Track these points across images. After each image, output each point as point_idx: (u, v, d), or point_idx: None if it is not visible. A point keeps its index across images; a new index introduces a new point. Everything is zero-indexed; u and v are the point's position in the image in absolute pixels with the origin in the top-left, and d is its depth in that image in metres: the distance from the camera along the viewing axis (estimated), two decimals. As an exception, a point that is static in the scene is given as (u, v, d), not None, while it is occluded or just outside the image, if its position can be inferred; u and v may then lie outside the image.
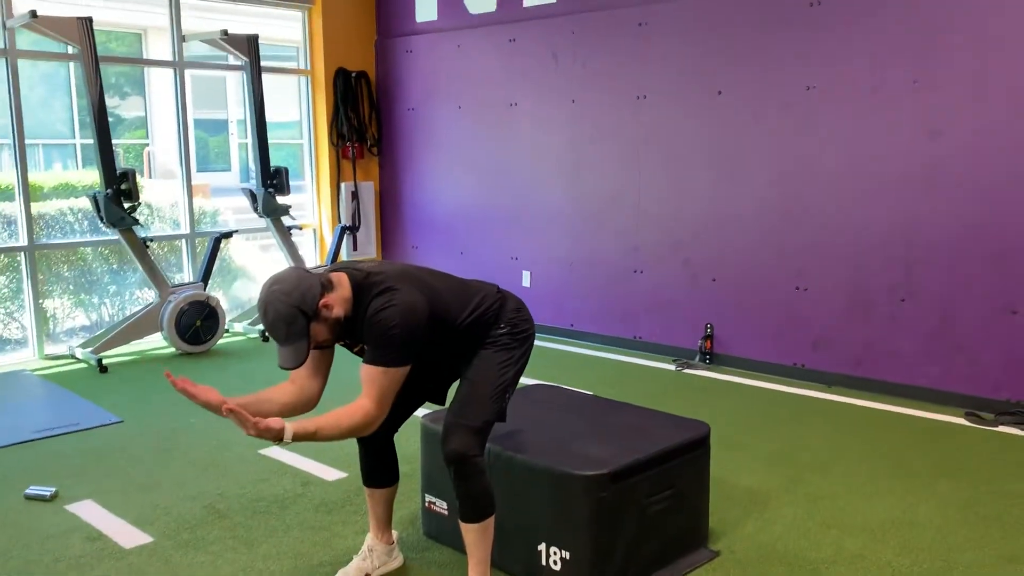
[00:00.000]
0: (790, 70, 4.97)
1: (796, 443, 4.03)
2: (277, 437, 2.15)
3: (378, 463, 2.72)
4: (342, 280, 2.33)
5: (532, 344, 2.59)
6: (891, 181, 4.67)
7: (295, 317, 2.21)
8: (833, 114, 4.84)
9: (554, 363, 5.60)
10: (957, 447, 3.97)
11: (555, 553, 2.61)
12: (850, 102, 4.77)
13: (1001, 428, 4.21)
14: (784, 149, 5.05)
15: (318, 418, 2.25)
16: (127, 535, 3.10)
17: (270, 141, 6.49)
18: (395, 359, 2.29)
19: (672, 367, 5.47)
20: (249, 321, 6.51)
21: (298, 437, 2.18)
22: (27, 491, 3.46)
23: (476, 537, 2.44)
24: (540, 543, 2.65)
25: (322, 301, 2.24)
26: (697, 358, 5.52)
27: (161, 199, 6.63)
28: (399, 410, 2.68)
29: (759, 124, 5.13)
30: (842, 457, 3.84)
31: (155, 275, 5.84)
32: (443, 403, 2.72)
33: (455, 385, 2.59)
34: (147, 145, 12.39)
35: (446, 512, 2.93)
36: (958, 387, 4.55)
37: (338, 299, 2.29)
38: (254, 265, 7.48)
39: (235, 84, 13.41)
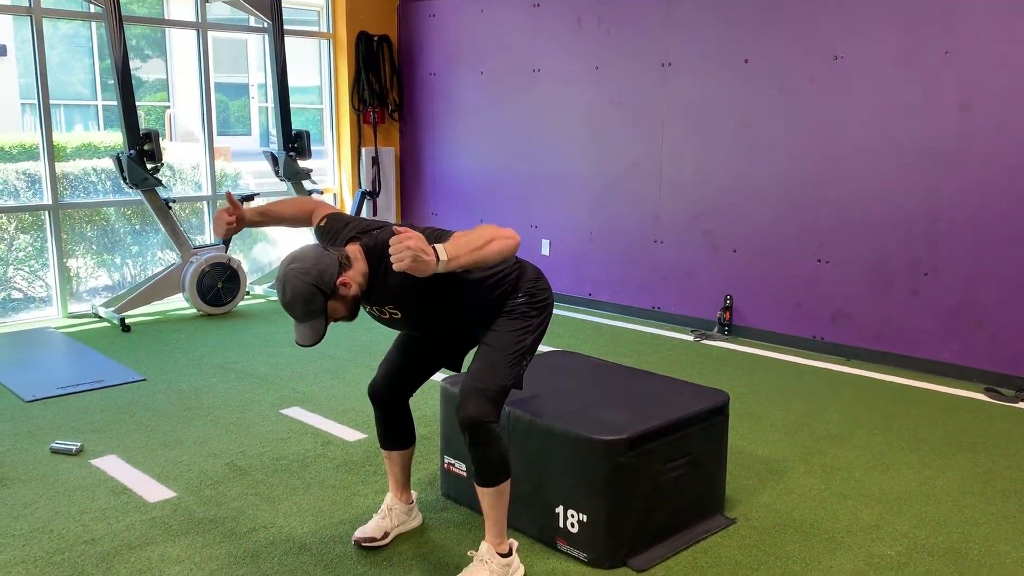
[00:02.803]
0: (818, 39, 4.90)
1: (814, 415, 4.03)
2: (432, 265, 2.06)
3: (394, 426, 2.75)
4: (358, 255, 2.32)
5: (550, 313, 2.59)
6: (918, 154, 4.62)
7: (313, 295, 2.21)
8: (861, 85, 4.77)
9: (572, 332, 5.61)
10: (976, 422, 3.95)
11: (572, 516, 2.64)
12: (879, 73, 4.70)
13: (1021, 404, 4.19)
14: (810, 120, 5.00)
15: (464, 234, 2.19)
16: (151, 489, 3.16)
17: (291, 105, 6.48)
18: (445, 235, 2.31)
19: (690, 338, 5.47)
20: (270, 284, 6.55)
21: (455, 262, 2.11)
22: (53, 445, 3.52)
23: (492, 501, 2.46)
24: (558, 506, 2.67)
25: (340, 279, 2.24)
26: (716, 329, 5.52)
27: (182, 161, 6.66)
28: (414, 375, 2.70)
29: (785, 94, 5.07)
30: (860, 430, 3.84)
31: (177, 236, 5.88)
32: (459, 370, 2.73)
33: (471, 353, 2.60)
34: (168, 107, 12.42)
35: (464, 473, 2.96)
36: (978, 363, 4.53)
37: (355, 275, 2.29)
38: (275, 229, 7.51)
39: (256, 48, 13.39)
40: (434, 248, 2.08)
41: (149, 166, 5.62)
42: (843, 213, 4.93)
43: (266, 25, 6.33)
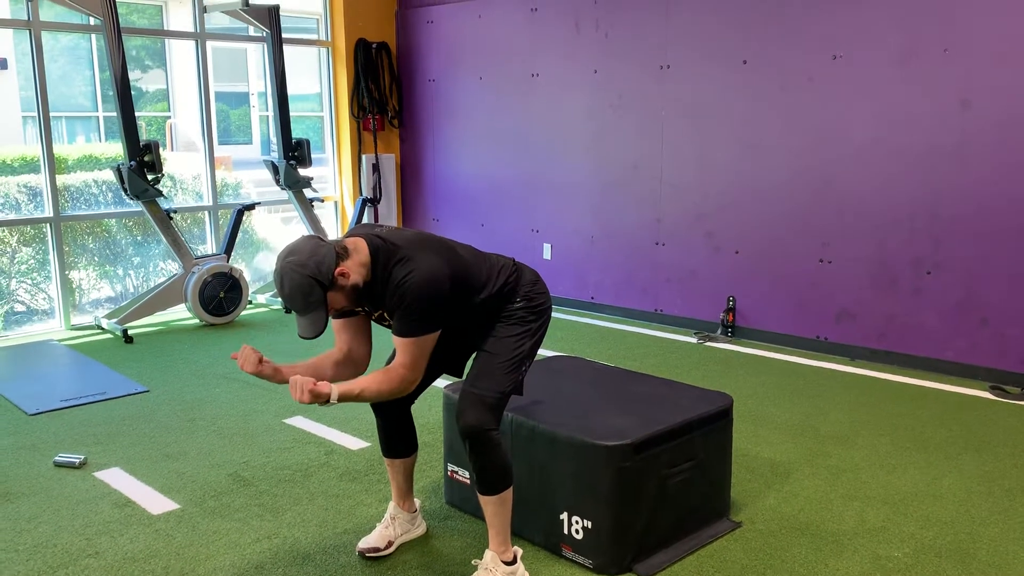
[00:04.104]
0: (817, 39, 4.89)
1: (818, 416, 4.01)
2: (325, 399, 2.21)
3: (396, 434, 2.74)
4: (359, 245, 2.30)
5: (549, 317, 2.58)
6: (919, 152, 4.61)
7: (312, 287, 2.20)
8: (860, 84, 4.76)
9: (575, 336, 5.60)
10: (981, 421, 3.94)
11: (577, 522, 2.63)
12: (878, 71, 4.69)
13: (1027, 402, 4.18)
14: (810, 119, 4.99)
15: (359, 380, 2.31)
16: (154, 502, 3.15)
17: (291, 113, 6.49)
18: (423, 328, 2.29)
19: (694, 340, 5.46)
20: (272, 292, 6.55)
21: (343, 398, 2.23)
22: (56, 458, 3.51)
23: (495, 509, 2.45)
24: (562, 512, 2.66)
25: (338, 269, 2.22)
26: (719, 331, 5.50)
27: (183, 171, 6.67)
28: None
29: (784, 94, 5.07)
30: (864, 430, 3.82)
31: (179, 247, 5.88)
32: (460, 375, 2.72)
33: (472, 358, 2.59)
34: (169, 117, 12.44)
35: (468, 481, 2.95)
36: (983, 360, 4.51)
37: (354, 265, 2.27)
38: (276, 237, 7.52)
39: (256, 57, 13.41)
40: (329, 393, 2.20)
41: (150, 177, 5.62)
42: (845, 212, 4.91)
43: (265, 34, 6.34)
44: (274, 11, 6.28)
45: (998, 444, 3.64)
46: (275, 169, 6.49)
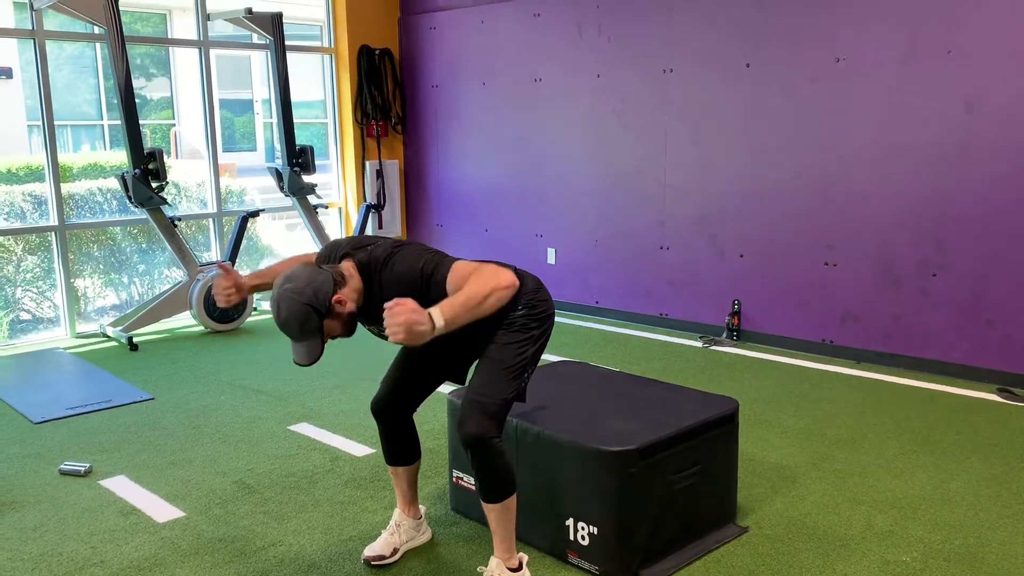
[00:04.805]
0: (819, 41, 4.88)
1: (824, 419, 4.00)
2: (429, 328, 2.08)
3: (398, 442, 2.74)
4: (352, 271, 2.32)
5: (551, 324, 2.57)
6: (923, 154, 4.59)
7: (308, 315, 2.21)
8: (864, 86, 4.75)
9: (579, 341, 5.60)
10: (989, 423, 3.92)
11: (583, 528, 2.62)
12: (881, 73, 4.68)
13: (1035, 404, 4.16)
14: (813, 122, 4.98)
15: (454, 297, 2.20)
16: (160, 510, 3.15)
17: (295, 120, 6.50)
18: (444, 260, 2.31)
19: (698, 344, 5.44)
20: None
21: (451, 321, 2.13)
22: (61, 467, 3.52)
23: (498, 516, 2.45)
24: (568, 518, 2.65)
25: (335, 297, 2.24)
26: (724, 334, 5.49)
27: (188, 179, 6.68)
28: (417, 390, 2.69)
29: (788, 97, 5.06)
30: (871, 433, 3.81)
31: (183, 254, 5.89)
32: (463, 382, 2.72)
33: (475, 365, 2.58)
34: (173, 125, 12.47)
35: (473, 487, 2.94)
36: (990, 363, 4.49)
37: (350, 292, 2.29)
38: (281, 244, 7.53)
39: (259, 64, 13.45)
40: (429, 315, 2.09)
41: (154, 185, 5.63)
42: (849, 215, 4.90)
43: (268, 42, 6.36)
44: (277, 18, 6.29)
45: (1006, 447, 3.62)
46: (279, 176, 6.50)
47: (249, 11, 6.09)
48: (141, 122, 5.67)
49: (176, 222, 5.86)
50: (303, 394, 4.50)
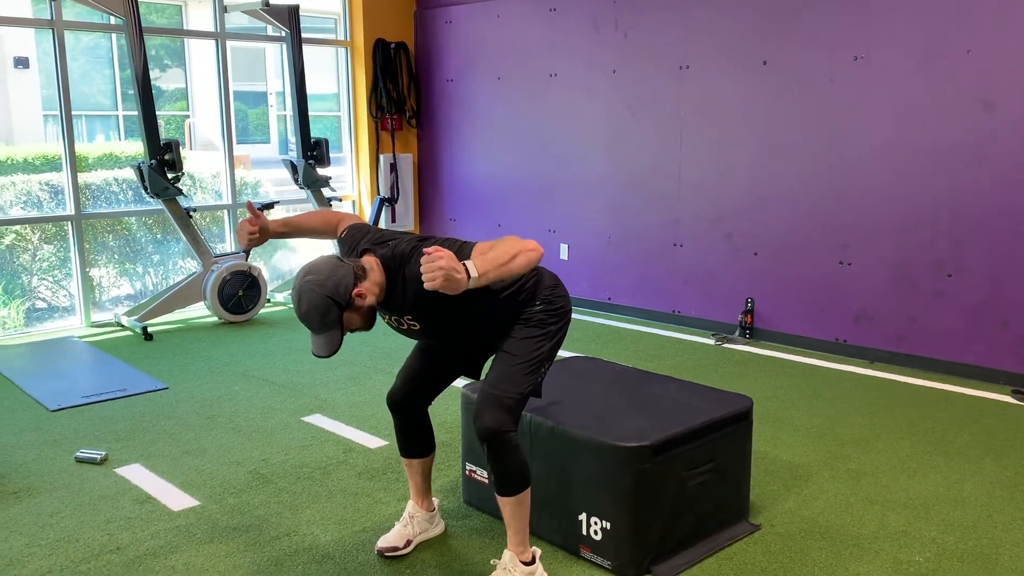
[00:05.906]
0: (837, 40, 4.86)
1: (838, 419, 3.99)
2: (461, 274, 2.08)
3: (413, 434, 2.75)
4: (374, 265, 2.32)
5: (568, 320, 2.58)
6: (941, 154, 4.57)
7: (329, 307, 2.21)
8: (882, 85, 4.73)
9: (592, 337, 5.60)
10: (1003, 425, 3.90)
11: (596, 523, 2.63)
12: (899, 73, 4.66)
13: (1049, 407, 4.14)
14: (830, 121, 4.96)
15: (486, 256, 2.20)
16: (175, 498, 3.17)
17: (310, 113, 6.51)
18: (466, 242, 2.34)
19: (711, 341, 5.44)
20: (290, 291, 6.58)
21: (482, 274, 2.13)
22: (77, 454, 3.55)
23: (512, 510, 2.46)
24: (581, 513, 2.66)
25: (356, 290, 2.24)
26: (737, 333, 5.48)
27: (202, 170, 6.70)
28: (433, 383, 2.70)
29: (805, 95, 5.04)
30: (884, 433, 3.80)
31: (198, 245, 5.92)
32: (478, 377, 2.72)
33: (491, 360, 2.59)
34: (188, 117, 12.51)
35: (486, 480, 2.95)
36: (1005, 364, 4.47)
37: (371, 286, 2.29)
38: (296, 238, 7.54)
39: (274, 56, 13.47)
40: (464, 265, 2.10)
41: (170, 176, 5.65)
42: (865, 214, 4.88)
43: (284, 34, 6.37)
44: (294, 11, 6.30)
45: (1020, 448, 3.61)
46: (294, 168, 6.52)
47: (266, 3, 6.10)
48: (156, 113, 5.69)
49: (191, 213, 5.89)
50: (317, 385, 4.52)
